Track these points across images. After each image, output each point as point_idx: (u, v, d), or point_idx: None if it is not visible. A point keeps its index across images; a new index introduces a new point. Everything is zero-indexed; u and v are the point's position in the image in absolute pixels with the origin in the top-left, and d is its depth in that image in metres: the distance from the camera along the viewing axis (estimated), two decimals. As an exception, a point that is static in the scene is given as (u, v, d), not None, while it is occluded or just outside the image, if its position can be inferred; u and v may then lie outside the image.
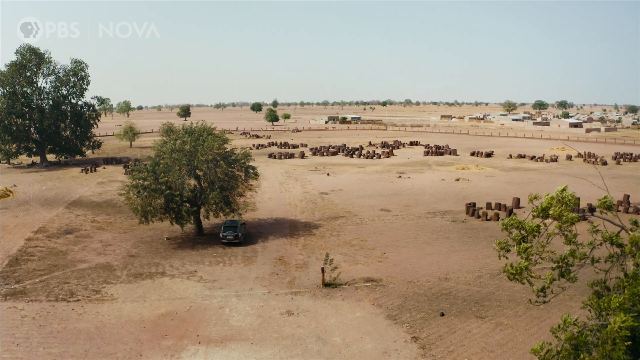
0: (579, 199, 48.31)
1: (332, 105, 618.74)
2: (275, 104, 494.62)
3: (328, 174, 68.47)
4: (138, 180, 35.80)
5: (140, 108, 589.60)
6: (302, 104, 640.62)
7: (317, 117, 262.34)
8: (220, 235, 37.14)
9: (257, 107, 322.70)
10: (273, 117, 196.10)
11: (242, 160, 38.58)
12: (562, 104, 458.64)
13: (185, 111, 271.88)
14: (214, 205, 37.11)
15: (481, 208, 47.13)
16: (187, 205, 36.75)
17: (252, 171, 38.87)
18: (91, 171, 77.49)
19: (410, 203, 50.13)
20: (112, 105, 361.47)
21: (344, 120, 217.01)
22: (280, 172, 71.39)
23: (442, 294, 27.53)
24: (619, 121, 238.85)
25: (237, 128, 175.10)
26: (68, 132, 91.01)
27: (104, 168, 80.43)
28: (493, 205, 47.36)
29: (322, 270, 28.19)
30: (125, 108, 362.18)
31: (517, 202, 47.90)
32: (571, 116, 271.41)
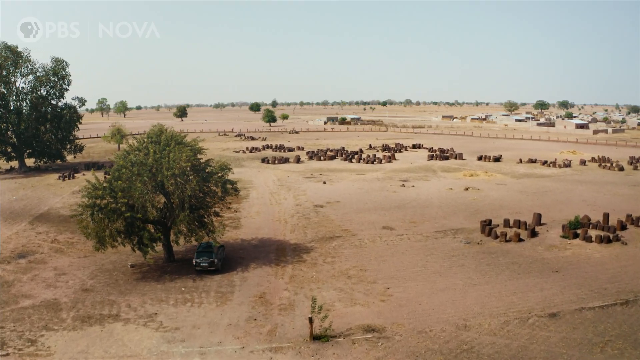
0: (608, 214, 42.40)
1: (332, 105, 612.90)
2: (274, 104, 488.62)
3: (324, 182, 62.55)
4: (93, 199, 29.91)
5: (139, 108, 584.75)
6: (301, 104, 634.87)
7: (316, 117, 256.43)
8: (193, 261, 31.31)
9: (255, 107, 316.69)
10: (270, 118, 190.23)
11: (219, 174, 32.58)
12: (564, 104, 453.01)
13: (182, 111, 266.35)
14: (185, 228, 31.24)
15: (498, 225, 41.22)
16: (152, 228, 30.98)
17: (230, 187, 32.91)
18: (69, 178, 71.77)
19: (416, 218, 44.23)
20: (108, 105, 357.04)
21: (343, 121, 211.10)
22: (272, 180, 65.47)
23: (462, 351, 21.65)
24: (623, 122, 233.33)
25: (232, 129, 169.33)
26: (48, 135, 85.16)
27: (84, 174, 74.47)
28: (512, 222, 41.43)
29: (310, 320, 22.28)
30: (122, 108, 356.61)
31: (538, 218, 41.98)
32: (575, 116, 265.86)
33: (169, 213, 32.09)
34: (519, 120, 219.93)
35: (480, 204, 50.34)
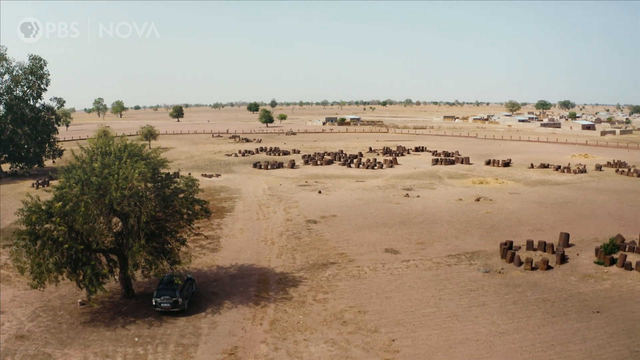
0: (646, 233, 36.53)
1: (332, 105, 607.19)
2: (273, 103, 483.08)
3: (319, 192, 56.66)
4: (32, 226, 24.13)
5: (137, 108, 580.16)
6: (301, 104, 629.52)
7: (315, 117, 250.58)
8: (153, 301, 25.49)
9: (254, 107, 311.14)
10: (267, 119, 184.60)
11: (187, 192, 26.63)
12: (565, 104, 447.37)
13: (178, 112, 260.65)
14: (142, 260, 25.41)
15: (520, 248, 35.41)
16: (102, 261, 25.28)
17: (199, 207, 27.05)
18: (44, 185, 65.97)
19: (424, 238, 38.37)
20: (105, 105, 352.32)
21: (342, 122, 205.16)
22: (263, 188, 59.58)
23: None
24: (628, 122, 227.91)
25: (227, 130, 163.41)
26: (25, 138, 79.38)
27: (60, 182, 68.55)
28: (536, 244, 35.63)
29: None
30: (118, 108, 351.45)
31: (565, 239, 36.18)
32: (578, 117, 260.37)
33: (125, 240, 26.28)
34: (523, 121, 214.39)
35: (495, 219, 44.53)
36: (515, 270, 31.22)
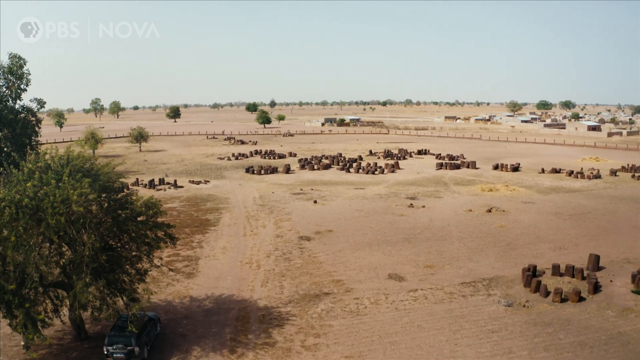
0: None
1: (332, 105, 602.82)
2: (273, 104, 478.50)
3: (315, 201, 51.85)
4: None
5: (136, 108, 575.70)
6: (300, 104, 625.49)
7: (314, 118, 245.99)
8: (105, 349, 20.76)
9: (252, 108, 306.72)
10: (264, 119, 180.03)
11: (148, 214, 21.81)
12: (567, 104, 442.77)
13: (174, 112, 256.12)
14: (91, 298, 20.59)
15: (543, 272, 30.67)
16: (43, 299, 20.56)
17: (162, 233, 22.25)
18: (19, 193, 61.01)
19: (433, 260, 33.58)
20: (102, 105, 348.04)
21: (342, 122, 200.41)
22: (253, 197, 54.80)
23: None
24: (631, 122, 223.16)
25: (223, 131, 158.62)
26: (3, 142, 74.62)
27: None
28: (562, 267, 30.90)
29: None
30: (115, 109, 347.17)
31: (595, 261, 31.45)
32: (581, 117, 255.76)
33: (72, 273, 21.48)
34: (525, 121, 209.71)
35: (510, 234, 39.79)
36: (542, 303, 26.47)
